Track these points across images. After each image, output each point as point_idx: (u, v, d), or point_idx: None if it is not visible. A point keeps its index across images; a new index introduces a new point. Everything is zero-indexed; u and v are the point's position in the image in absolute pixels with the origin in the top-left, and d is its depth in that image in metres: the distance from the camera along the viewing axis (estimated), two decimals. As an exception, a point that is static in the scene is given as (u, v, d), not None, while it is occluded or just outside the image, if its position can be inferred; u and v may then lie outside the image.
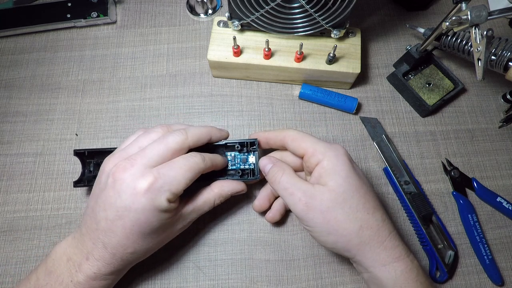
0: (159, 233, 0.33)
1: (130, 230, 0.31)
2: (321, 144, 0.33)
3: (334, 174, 0.32)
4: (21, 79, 0.49)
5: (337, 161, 0.32)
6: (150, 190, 0.30)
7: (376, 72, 0.50)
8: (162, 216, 0.31)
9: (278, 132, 0.37)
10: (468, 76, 0.50)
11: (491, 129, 0.47)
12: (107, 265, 0.32)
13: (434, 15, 0.53)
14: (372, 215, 0.32)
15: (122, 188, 0.30)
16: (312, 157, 0.33)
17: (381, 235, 0.32)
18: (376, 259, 0.31)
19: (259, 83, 0.49)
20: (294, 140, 0.35)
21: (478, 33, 0.35)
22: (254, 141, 0.38)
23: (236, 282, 0.39)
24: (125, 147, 0.33)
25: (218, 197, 0.36)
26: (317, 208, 0.31)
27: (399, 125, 0.47)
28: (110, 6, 0.51)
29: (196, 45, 0.51)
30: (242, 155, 0.39)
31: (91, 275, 0.31)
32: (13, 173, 0.44)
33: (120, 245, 0.31)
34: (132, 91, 0.48)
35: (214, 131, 0.36)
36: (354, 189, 0.32)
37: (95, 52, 0.51)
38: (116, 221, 0.30)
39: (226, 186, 0.37)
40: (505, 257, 0.41)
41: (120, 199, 0.30)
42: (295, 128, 0.36)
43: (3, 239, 0.41)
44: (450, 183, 0.44)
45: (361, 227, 0.31)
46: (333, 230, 0.31)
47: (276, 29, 0.43)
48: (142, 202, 0.30)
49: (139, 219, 0.30)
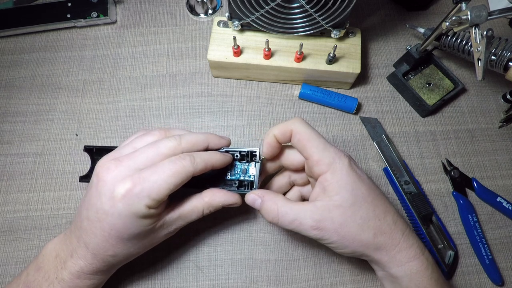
0: (140, 239, 0.32)
1: (109, 233, 0.30)
2: (326, 154, 0.32)
3: (340, 189, 0.31)
4: (21, 79, 0.49)
5: (342, 174, 0.31)
6: (127, 196, 0.29)
7: (376, 72, 0.50)
8: (142, 222, 0.30)
9: (284, 126, 0.34)
10: (468, 76, 0.50)
11: (491, 129, 0.47)
12: (89, 264, 0.31)
13: (434, 15, 0.53)
14: (383, 220, 0.32)
15: (103, 190, 0.29)
16: (316, 166, 0.32)
17: (395, 238, 0.32)
18: (392, 261, 0.32)
19: (259, 83, 0.49)
20: (299, 141, 0.33)
21: (478, 33, 0.35)
22: (255, 151, 0.35)
23: (236, 282, 0.40)
24: (121, 147, 0.33)
25: (208, 207, 0.34)
26: (330, 228, 0.31)
27: (399, 125, 0.47)
28: (110, 6, 0.51)
29: (196, 45, 0.51)
30: (243, 165, 0.36)
31: (74, 273, 0.31)
32: (13, 173, 0.44)
33: (100, 247, 0.31)
34: (132, 91, 0.48)
35: (212, 138, 0.35)
36: (362, 199, 0.31)
37: (95, 52, 0.51)
38: (96, 223, 0.30)
39: (218, 196, 0.34)
40: (505, 257, 0.41)
41: (100, 201, 0.30)
42: (301, 119, 0.34)
43: (3, 239, 0.41)
44: (450, 183, 0.44)
45: (375, 234, 0.31)
46: (349, 243, 0.31)
47: (276, 29, 0.43)
48: (119, 207, 0.29)
49: (117, 224, 0.30)
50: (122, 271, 0.39)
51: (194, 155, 0.31)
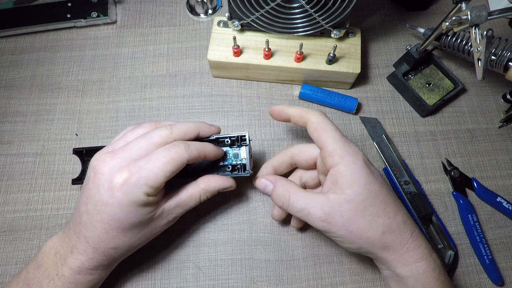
0: (140, 229, 0.32)
1: (109, 225, 0.30)
2: (340, 144, 0.32)
3: (352, 182, 0.31)
4: (21, 79, 0.49)
5: (356, 167, 0.31)
6: (125, 184, 0.29)
7: (376, 72, 0.50)
8: (142, 211, 0.31)
9: (303, 113, 0.35)
10: (468, 76, 0.50)
11: (491, 129, 0.47)
12: (90, 259, 0.32)
13: (434, 15, 0.53)
14: (393, 219, 0.31)
15: (101, 182, 0.30)
16: (329, 157, 0.32)
17: (404, 237, 0.31)
18: (398, 260, 0.31)
19: (259, 83, 0.49)
20: (316, 130, 0.33)
21: (478, 33, 0.35)
22: (244, 135, 0.37)
23: (236, 282, 0.40)
24: (113, 142, 0.34)
25: (204, 193, 0.35)
26: (339, 222, 0.30)
27: (399, 125, 0.47)
28: (110, 6, 0.51)
29: (196, 45, 0.51)
30: (234, 150, 0.37)
31: (75, 268, 0.31)
32: (13, 173, 0.44)
33: (101, 240, 0.31)
34: (132, 91, 0.48)
35: (203, 126, 0.35)
36: (374, 195, 0.31)
37: (95, 52, 0.51)
38: (96, 216, 0.30)
39: (213, 181, 0.35)
40: (505, 257, 0.41)
41: (98, 193, 0.30)
42: (321, 112, 0.34)
43: (3, 239, 0.41)
44: (450, 183, 0.44)
45: (383, 232, 0.31)
46: (356, 239, 0.31)
47: (276, 29, 0.43)
48: (118, 197, 0.29)
49: (117, 214, 0.30)
50: (122, 271, 0.39)
51: (188, 143, 0.32)
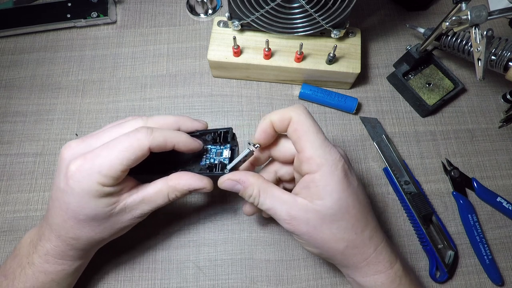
0: (99, 222, 0.30)
1: (66, 213, 0.29)
2: (320, 152, 0.29)
3: (325, 194, 0.28)
4: (21, 79, 0.49)
5: (331, 179, 0.28)
6: (77, 172, 0.27)
7: (376, 72, 0.50)
8: (97, 202, 0.28)
9: (284, 113, 0.30)
10: (468, 76, 0.50)
11: (491, 129, 0.47)
12: (54, 247, 0.31)
13: (434, 15, 0.53)
14: (359, 235, 0.30)
15: (61, 168, 0.29)
16: (306, 164, 0.29)
17: (366, 253, 0.31)
18: (357, 272, 0.32)
19: (259, 83, 0.49)
20: (295, 131, 0.30)
21: (478, 33, 0.36)
22: (228, 130, 0.33)
23: (236, 282, 0.40)
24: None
25: (173, 191, 0.31)
26: (303, 228, 0.29)
27: (399, 125, 0.47)
28: (110, 6, 0.51)
29: (196, 45, 0.51)
30: (217, 149, 0.33)
31: (43, 256, 0.31)
32: (13, 173, 0.44)
33: (61, 228, 0.30)
34: (132, 91, 0.48)
35: (184, 120, 0.33)
36: (345, 210, 0.29)
37: (95, 52, 0.51)
38: (55, 202, 0.30)
39: (184, 179, 0.31)
40: (505, 257, 0.41)
41: (58, 179, 0.29)
42: (303, 108, 0.31)
43: (3, 239, 0.41)
44: (450, 183, 0.44)
45: (346, 246, 0.30)
46: (318, 246, 0.31)
47: (276, 29, 0.43)
48: (71, 184, 0.28)
49: (71, 202, 0.28)
50: (122, 271, 0.39)
51: (153, 129, 0.29)
